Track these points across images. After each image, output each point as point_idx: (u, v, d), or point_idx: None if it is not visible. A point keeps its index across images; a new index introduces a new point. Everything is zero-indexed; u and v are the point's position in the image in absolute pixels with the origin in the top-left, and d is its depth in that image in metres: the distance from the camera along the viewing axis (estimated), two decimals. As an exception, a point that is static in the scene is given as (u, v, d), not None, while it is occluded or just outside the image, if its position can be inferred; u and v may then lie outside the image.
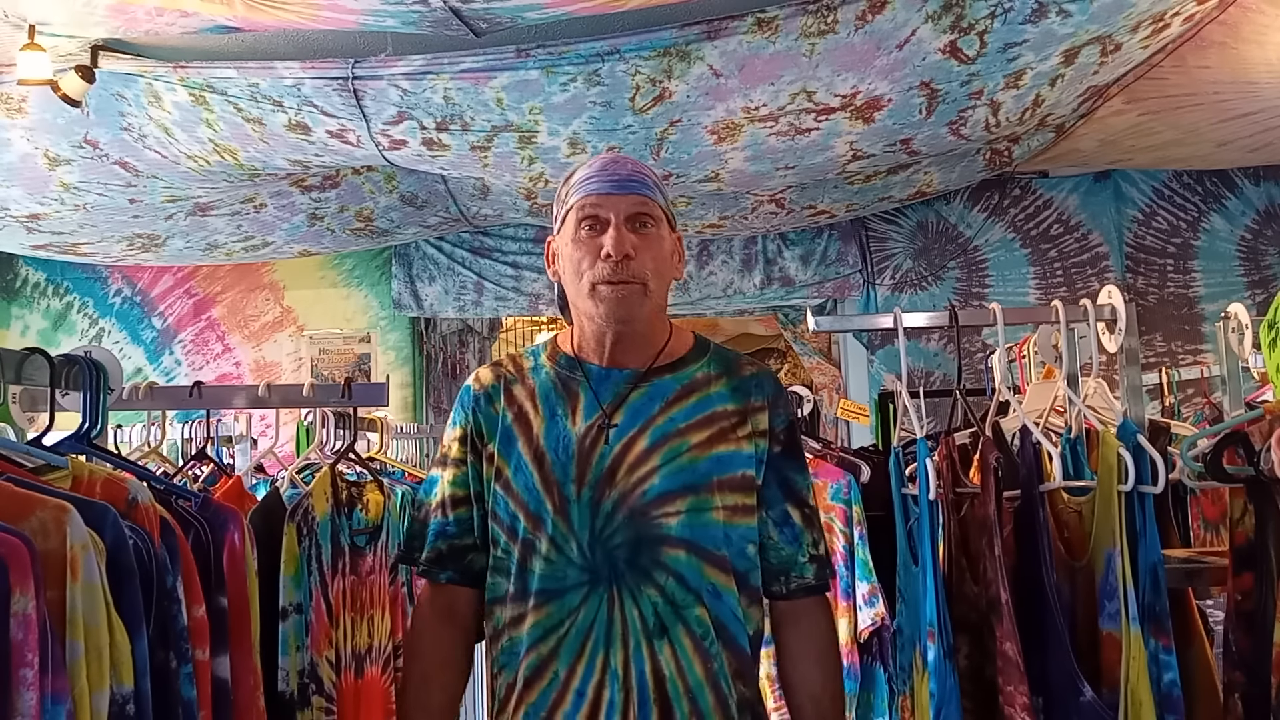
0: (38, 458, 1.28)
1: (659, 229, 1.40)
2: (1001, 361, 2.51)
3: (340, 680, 1.85)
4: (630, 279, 1.35)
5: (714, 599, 1.34)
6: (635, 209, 1.37)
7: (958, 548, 1.64)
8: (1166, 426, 2.21)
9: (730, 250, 5.34)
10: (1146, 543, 1.51)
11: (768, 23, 3.05)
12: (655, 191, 1.41)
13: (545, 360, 1.47)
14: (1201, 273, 5.10)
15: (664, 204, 1.42)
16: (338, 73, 3.27)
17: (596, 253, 1.36)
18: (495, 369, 1.49)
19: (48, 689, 0.97)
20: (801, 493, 1.43)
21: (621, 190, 1.37)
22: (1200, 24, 3.28)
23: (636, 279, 1.36)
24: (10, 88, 3.29)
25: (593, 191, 1.37)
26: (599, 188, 1.37)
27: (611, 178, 1.38)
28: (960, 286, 5.15)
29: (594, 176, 1.39)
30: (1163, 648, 1.48)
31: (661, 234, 1.41)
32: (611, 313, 1.37)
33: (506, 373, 1.47)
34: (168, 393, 1.96)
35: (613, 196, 1.36)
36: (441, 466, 1.47)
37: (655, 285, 1.39)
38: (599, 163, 1.41)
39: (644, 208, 1.38)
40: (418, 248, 5.48)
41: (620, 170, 1.39)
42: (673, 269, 1.44)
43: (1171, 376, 3.59)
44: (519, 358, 1.50)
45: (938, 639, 1.53)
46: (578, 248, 1.38)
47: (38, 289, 5.68)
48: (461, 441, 1.45)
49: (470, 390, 1.47)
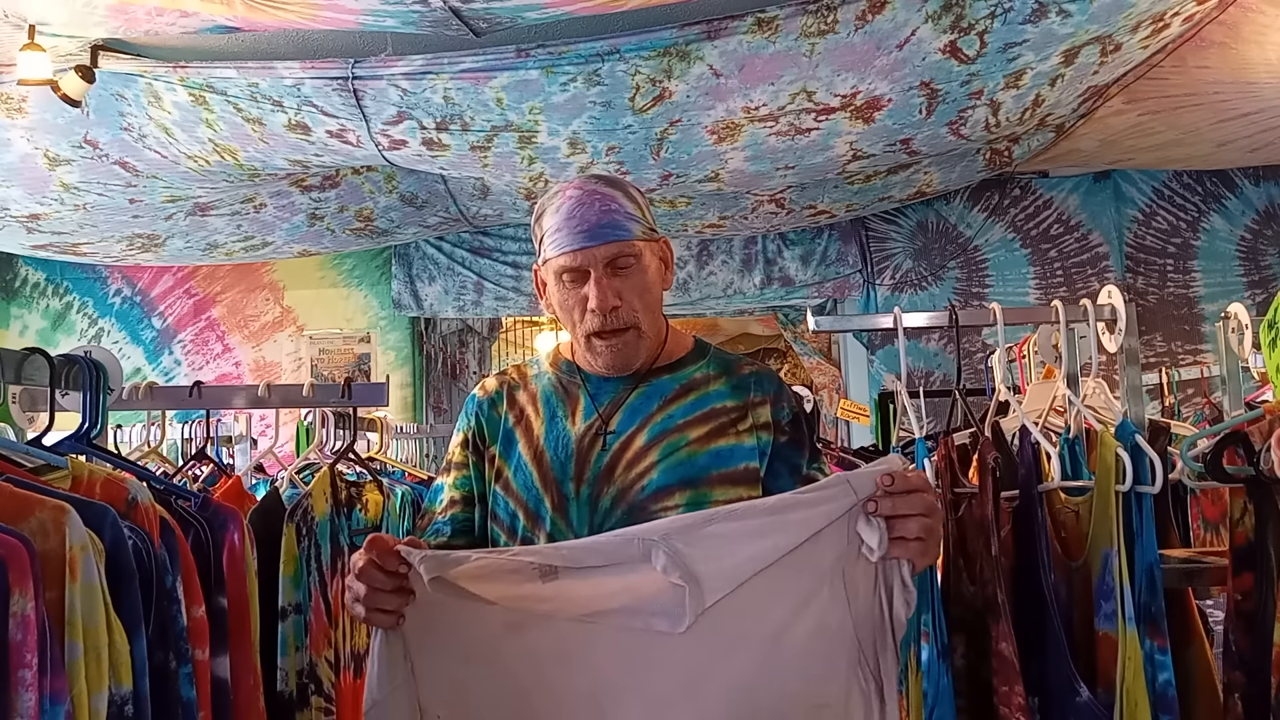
0: (37, 458, 1.28)
1: (640, 262, 1.37)
2: (1001, 361, 2.51)
3: (339, 680, 1.85)
4: (621, 327, 1.36)
5: None
6: (612, 255, 1.34)
7: (955, 548, 1.64)
8: (1166, 426, 2.21)
9: (730, 250, 5.34)
10: (1143, 543, 1.51)
11: (768, 23, 3.05)
12: (630, 223, 1.36)
13: (548, 367, 1.49)
14: (1201, 273, 5.10)
15: (642, 226, 1.38)
16: (338, 73, 3.27)
17: (583, 305, 1.36)
18: (500, 377, 1.51)
19: (46, 689, 0.97)
20: (815, 476, 1.42)
21: (594, 241, 1.33)
22: (1200, 24, 3.28)
23: (627, 324, 1.36)
24: (10, 88, 3.29)
25: (566, 247, 1.34)
26: (572, 241, 1.34)
27: (580, 228, 1.33)
28: (960, 286, 5.15)
29: (563, 228, 1.35)
30: (1158, 648, 1.48)
31: (644, 265, 1.38)
32: (611, 363, 1.39)
33: (510, 380, 1.49)
34: (167, 393, 1.96)
35: (587, 250, 1.34)
36: (446, 473, 1.48)
37: (648, 322, 1.39)
38: (566, 210, 1.35)
39: (621, 250, 1.35)
40: (418, 248, 5.48)
41: (589, 216, 1.34)
42: (662, 285, 1.43)
43: (1171, 376, 3.59)
44: (523, 366, 1.52)
45: (932, 639, 1.54)
46: (564, 297, 1.38)
47: (37, 289, 5.68)
48: (464, 446, 1.46)
49: (475, 398, 1.49)
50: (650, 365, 1.43)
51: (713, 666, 1.10)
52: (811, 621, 1.10)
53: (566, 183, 1.39)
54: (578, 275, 1.35)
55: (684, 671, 1.11)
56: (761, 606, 1.10)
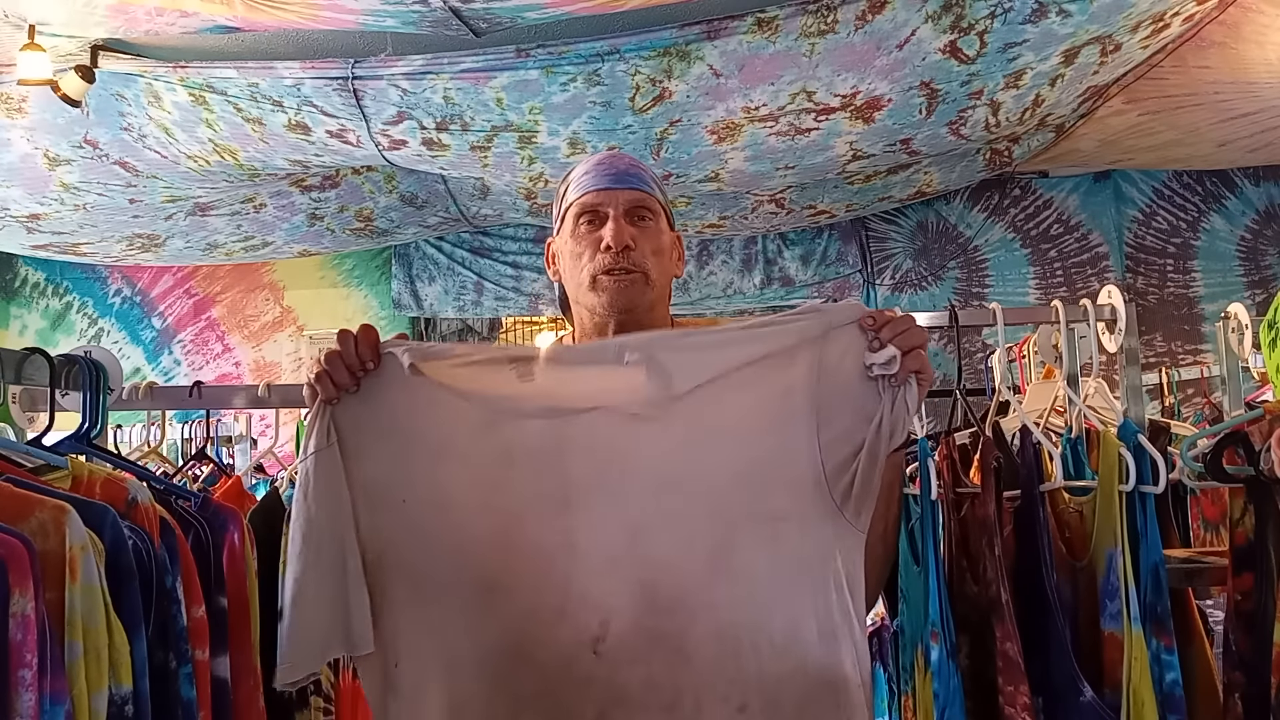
0: (37, 458, 1.28)
1: (658, 223, 1.40)
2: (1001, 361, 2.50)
3: (339, 680, 1.85)
4: (631, 268, 1.35)
5: None
6: (634, 202, 1.37)
7: (958, 548, 1.64)
8: (1166, 426, 2.21)
9: (730, 250, 5.34)
10: (1148, 542, 1.51)
11: (768, 23, 3.05)
12: (653, 187, 1.41)
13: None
14: (1201, 273, 5.10)
15: (662, 200, 1.42)
16: (338, 73, 3.27)
17: (596, 245, 1.35)
18: None
19: (46, 690, 0.97)
20: None
21: (619, 184, 1.37)
22: (1200, 24, 3.28)
23: (637, 268, 1.35)
24: (10, 88, 3.29)
25: (590, 187, 1.37)
26: (596, 182, 1.37)
27: (608, 172, 1.38)
28: (960, 286, 5.15)
29: (591, 172, 1.39)
30: (1164, 648, 1.47)
31: (660, 228, 1.40)
32: (613, 302, 1.36)
33: None
34: (167, 393, 1.95)
35: (611, 191, 1.36)
36: None
37: (656, 275, 1.38)
38: (595, 159, 1.41)
39: (642, 201, 1.38)
40: (418, 248, 5.48)
41: (618, 165, 1.39)
42: (673, 265, 1.44)
43: (1171, 376, 3.59)
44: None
45: (941, 639, 1.53)
46: (578, 242, 1.38)
47: (37, 289, 5.68)
48: None
49: None
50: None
51: (680, 467, 1.12)
52: (778, 437, 1.12)
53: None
54: (596, 218, 1.36)
55: (652, 471, 1.13)
56: (729, 409, 1.13)
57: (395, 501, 1.15)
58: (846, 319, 1.13)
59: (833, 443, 1.12)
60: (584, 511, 1.13)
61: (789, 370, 1.12)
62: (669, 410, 1.12)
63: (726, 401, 1.12)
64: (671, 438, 1.12)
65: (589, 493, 1.13)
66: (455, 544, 1.14)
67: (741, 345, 1.13)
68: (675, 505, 1.12)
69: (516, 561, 1.13)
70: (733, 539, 1.12)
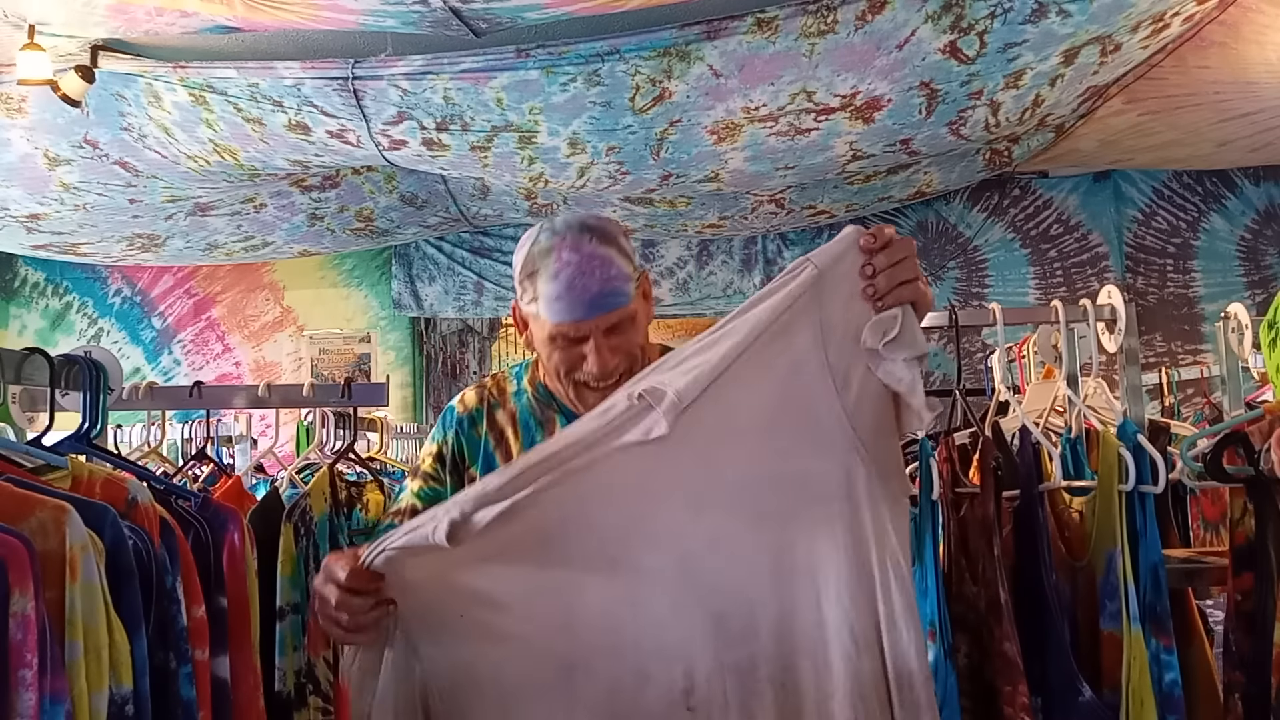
0: (37, 458, 1.28)
1: (635, 319, 1.34)
2: (1001, 361, 2.51)
3: (337, 680, 1.85)
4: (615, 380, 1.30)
5: None
6: (612, 323, 1.30)
7: (957, 547, 1.64)
8: (1166, 426, 2.21)
9: (730, 250, 5.34)
10: (1147, 542, 1.51)
11: (768, 23, 3.05)
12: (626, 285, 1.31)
13: (526, 385, 1.45)
14: (1201, 273, 5.10)
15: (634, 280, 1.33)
16: (338, 73, 3.27)
17: (578, 362, 1.32)
18: (479, 391, 1.48)
19: (46, 689, 0.97)
20: None
21: (596, 312, 1.28)
22: (1200, 24, 3.28)
23: (619, 372, 1.32)
24: (10, 88, 3.29)
25: (567, 318, 1.29)
26: (572, 314, 1.28)
27: (582, 298, 1.27)
28: (960, 286, 5.15)
29: (563, 297, 1.27)
30: (1164, 648, 1.48)
31: (638, 322, 1.35)
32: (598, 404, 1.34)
33: (490, 396, 1.46)
34: (168, 393, 1.95)
35: (588, 320, 1.29)
36: (413, 478, 1.47)
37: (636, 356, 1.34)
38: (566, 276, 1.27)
39: (620, 316, 1.31)
40: (418, 248, 5.48)
41: (591, 286, 1.27)
42: (647, 321, 1.39)
43: (1171, 376, 3.59)
44: (502, 379, 1.48)
45: (938, 638, 1.53)
46: (554, 352, 1.33)
47: (37, 289, 5.68)
48: (436, 458, 1.44)
49: (454, 411, 1.46)
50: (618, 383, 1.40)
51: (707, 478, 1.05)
52: (800, 418, 1.05)
53: (558, 236, 1.29)
54: (575, 339, 1.31)
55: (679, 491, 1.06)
56: (742, 404, 1.05)
57: (453, 619, 1.09)
58: (843, 248, 1.05)
59: (858, 403, 1.04)
60: (627, 559, 1.07)
61: (792, 345, 1.04)
62: (678, 424, 1.02)
63: (737, 397, 1.04)
64: (690, 450, 1.04)
65: (626, 538, 1.07)
66: (523, 636, 1.09)
67: (733, 335, 1.04)
68: (716, 521, 1.06)
69: (586, 634, 1.08)
70: (786, 538, 1.05)
